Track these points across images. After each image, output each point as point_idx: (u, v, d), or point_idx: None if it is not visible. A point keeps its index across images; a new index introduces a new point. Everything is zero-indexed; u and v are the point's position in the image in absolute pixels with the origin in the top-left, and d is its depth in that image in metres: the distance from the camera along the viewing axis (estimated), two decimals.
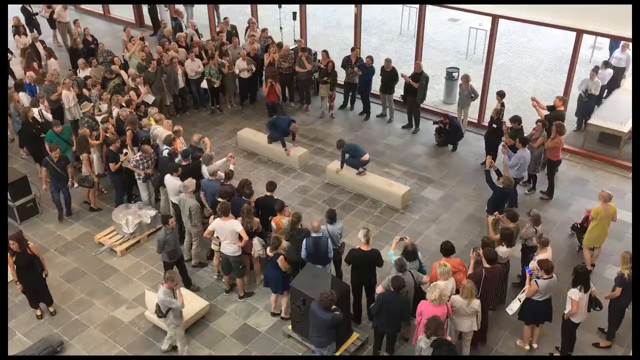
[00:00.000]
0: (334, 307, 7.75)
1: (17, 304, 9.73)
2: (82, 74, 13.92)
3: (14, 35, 16.20)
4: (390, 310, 7.97)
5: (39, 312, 9.61)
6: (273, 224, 9.54)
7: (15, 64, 15.88)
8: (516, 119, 11.88)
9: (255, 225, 9.63)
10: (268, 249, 8.96)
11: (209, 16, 17.92)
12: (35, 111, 12.38)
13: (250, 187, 10.06)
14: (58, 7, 18.12)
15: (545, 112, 12.40)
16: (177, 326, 8.56)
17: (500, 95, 12.69)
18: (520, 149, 11.10)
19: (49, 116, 12.60)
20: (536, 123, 11.89)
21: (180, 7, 18.57)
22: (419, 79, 13.87)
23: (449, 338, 7.61)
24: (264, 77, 15.65)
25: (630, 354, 8.45)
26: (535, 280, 8.20)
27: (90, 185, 11.70)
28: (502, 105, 12.58)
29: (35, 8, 18.40)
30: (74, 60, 15.37)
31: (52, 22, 18.50)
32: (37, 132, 12.28)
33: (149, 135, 11.79)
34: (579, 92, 14.01)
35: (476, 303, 7.90)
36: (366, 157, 12.17)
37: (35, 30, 17.60)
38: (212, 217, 9.78)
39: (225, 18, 16.86)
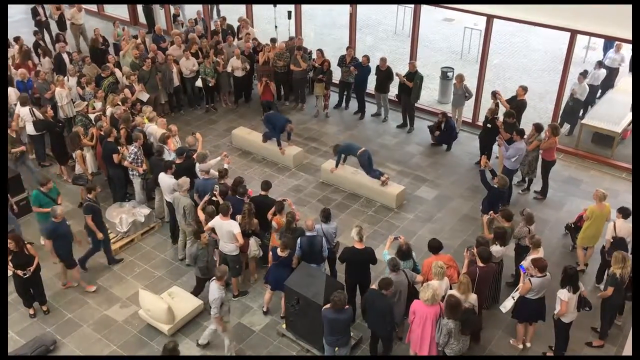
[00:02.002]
0: None
1: (10, 303, 9.68)
2: (71, 81, 13.62)
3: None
4: (375, 309, 7.97)
5: (32, 311, 9.58)
6: (274, 223, 9.53)
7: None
8: (510, 114, 11.96)
9: (254, 227, 9.62)
10: (279, 249, 8.84)
11: (204, 14, 17.87)
12: (26, 109, 12.34)
13: (244, 186, 10.05)
14: (72, 9, 17.90)
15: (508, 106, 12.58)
16: (227, 322, 8.51)
17: (495, 95, 12.73)
18: (518, 140, 11.19)
19: (40, 114, 12.53)
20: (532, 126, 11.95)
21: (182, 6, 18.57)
22: (414, 79, 13.89)
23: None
24: (255, 75, 15.68)
25: (623, 353, 8.49)
26: (529, 279, 8.23)
27: (85, 183, 11.65)
28: (497, 105, 12.62)
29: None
30: (96, 60, 15.33)
31: (61, 24, 18.24)
32: (61, 130, 12.26)
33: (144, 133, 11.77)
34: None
35: (473, 297, 7.94)
36: (362, 151, 12.16)
37: (46, 32, 17.47)
38: (200, 210, 9.77)
39: (222, 17, 16.85)
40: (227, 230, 9.21)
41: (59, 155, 12.47)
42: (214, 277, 8.25)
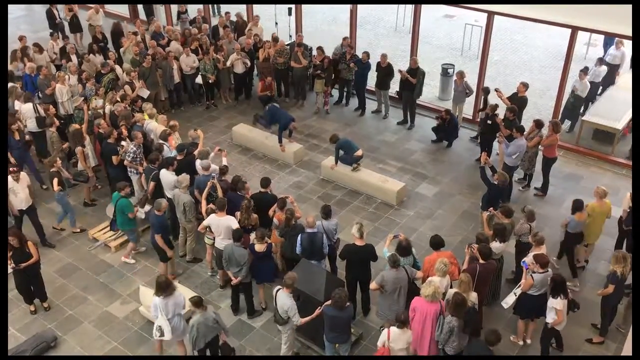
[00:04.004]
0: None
1: (11, 299, 9.70)
2: (72, 80, 13.48)
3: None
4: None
5: (32, 308, 9.60)
6: (275, 220, 9.55)
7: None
8: (512, 110, 11.96)
9: (253, 222, 9.62)
10: (256, 246, 8.89)
11: (204, 11, 17.82)
12: (29, 106, 12.34)
13: (243, 182, 10.07)
14: (90, 11, 17.58)
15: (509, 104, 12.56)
16: (294, 329, 8.37)
17: (495, 91, 12.74)
18: (518, 137, 11.20)
19: (42, 111, 12.53)
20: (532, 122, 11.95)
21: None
22: (416, 75, 13.88)
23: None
24: (255, 72, 15.69)
25: (623, 351, 8.50)
26: (531, 275, 8.23)
27: (85, 180, 11.66)
28: (485, 101, 12.67)
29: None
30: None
31: (73, 25, 17.99)
32: (64, 128, 12.23)
33: (143, 130, 11.77)
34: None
35: (473, 296, 7.93)
36: (359, 152, 12.21)
37: (60, 34, 17.41)
38: (204, 204, 9.81)
39: (226, 13, 16.80)
40: (225, 226, 9.20)
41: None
42: (280, 286, 8.05)
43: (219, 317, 8.07)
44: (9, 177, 10.22)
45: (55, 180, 10.60)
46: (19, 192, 10.36)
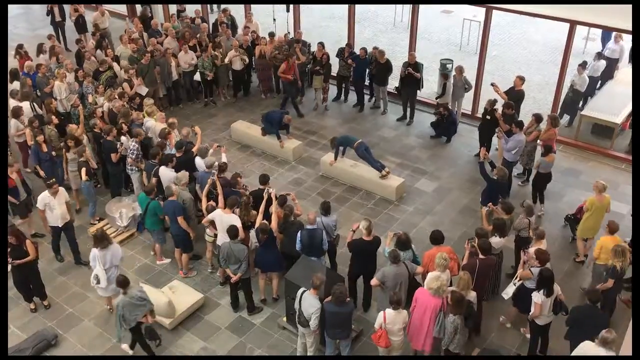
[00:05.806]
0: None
1: (11, 298, 9.69)
2: (69, 78, 13.41)
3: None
4: (589, 325, 7.74)
5: (32, 306, 9.60)
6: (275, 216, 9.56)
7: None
8: (509, 105, 11.96)
9: (252, 219, 9.63)
10: (260, 236, 8.94)
11: (202, 10, 17.78)
12: (27, 104, 12.33)
13: (237, 180, 10.14)
14: (95, 13, 17.40)
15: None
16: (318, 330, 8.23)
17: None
18: (517, 132, 11.20)
19: (39, 110, 12.53)
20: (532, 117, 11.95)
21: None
22: (417, 69, 13.90)
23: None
24: (253, 68, 15.67)
25: (621, 351, 8.49)
26: (530, 269, 8.24)
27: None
28: (445, 86, 12.76)
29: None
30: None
31: (79, 25, 17.85)
32: (63, 125, 12.21)
33: (142, 128, 11.76)
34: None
35: (472, 295, 7.93)
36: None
37: (62, 35, 17.55)
38: (205, 201, 9.83)
39: (224, 10, 16.77)
40: (228, 223, 9.20)
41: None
42: (306, 288, 7.94)
43: (145, 294, 8.34)
44: (46, 192, 9.77)
45: (84, 170, 10.63)
46: (56, 208, 9.82)
